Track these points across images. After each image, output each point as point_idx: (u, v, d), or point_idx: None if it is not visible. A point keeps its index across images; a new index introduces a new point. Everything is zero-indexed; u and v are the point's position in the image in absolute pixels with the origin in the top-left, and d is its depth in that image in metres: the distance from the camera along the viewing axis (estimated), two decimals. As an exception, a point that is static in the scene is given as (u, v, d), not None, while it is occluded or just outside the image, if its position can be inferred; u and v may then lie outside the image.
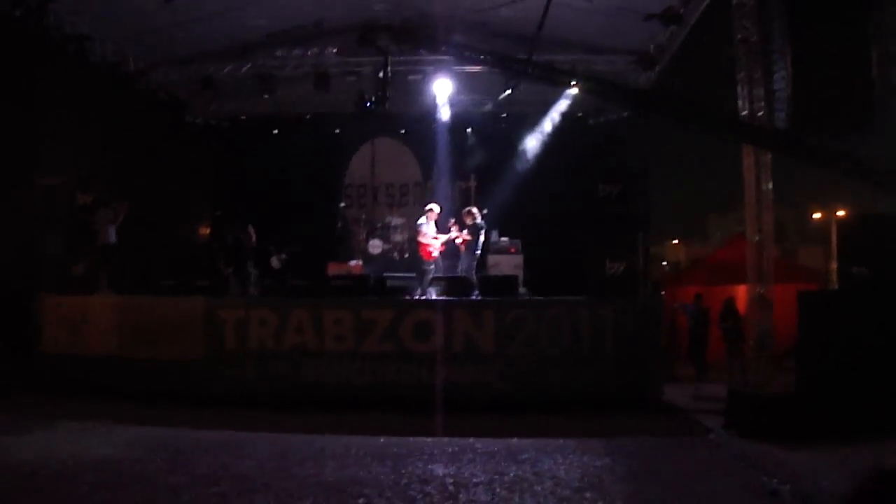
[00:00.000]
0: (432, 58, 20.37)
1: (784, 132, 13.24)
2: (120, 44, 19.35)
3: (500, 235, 20.50)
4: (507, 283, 16.42)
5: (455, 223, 18.72)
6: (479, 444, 10.65)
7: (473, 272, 17.91)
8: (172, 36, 18.56)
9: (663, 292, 22.65)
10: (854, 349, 11.39)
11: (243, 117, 24.96)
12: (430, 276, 17.99)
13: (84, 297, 15.57)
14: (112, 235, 17.47)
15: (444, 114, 22.69)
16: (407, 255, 22.50)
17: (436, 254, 18.53)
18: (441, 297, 15.79)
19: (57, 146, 17.78)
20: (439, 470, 9.19)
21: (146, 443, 10.52)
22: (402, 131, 25.08)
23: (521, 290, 17.63)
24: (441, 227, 18.76)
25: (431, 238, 18.36)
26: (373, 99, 19.71)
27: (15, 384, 14.32)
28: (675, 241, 74.37)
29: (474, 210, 18.57)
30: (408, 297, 16.54)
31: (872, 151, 14.69)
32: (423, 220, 18.54)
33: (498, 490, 8.38)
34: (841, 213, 37.41)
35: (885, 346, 11.26)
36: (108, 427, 11.48)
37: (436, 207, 18.86)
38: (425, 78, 21.09)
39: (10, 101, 16.16)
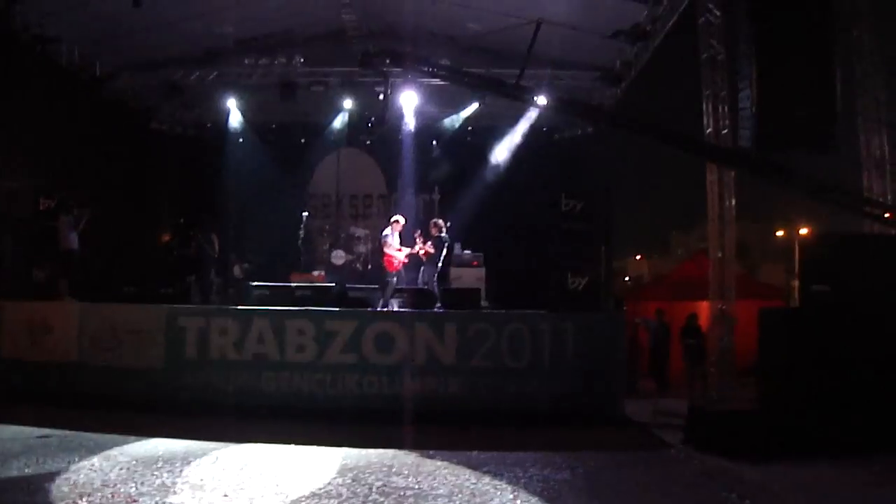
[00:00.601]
0: (399, 70, 20.38)
1: (746, 151, 13.34)
2: (87, 47, 19.26)
3: (464, 248, 20.54)
4: (470, 296, 16.46)
5: (420, 234, 18.69)
6: (439, 456, 10.64)
7: (435, 284, 17.90)
8: (140, 41, 18.51)
9: (625, 307, 22.74)
10: (814, 366, 11.49)
11: (209, 125, 24.85)
12: (393, 287, 17.97)
13: (45, 303, 15.42)
14: (74, 241, 17.33)
15: (410, 126, 22.73)
16: (370, 267, 22.49)
17: (399, 265, 18.50)
18: (403, 309, 15.79)
19: (20, 149, 17.62)
20: (400, 482, 9.17)
21: (104, 451, 10.42)
22: (368, 142, 25.05)
23: (484, 303, 17.66)
24: (405, 239, 18.73)
25: (395, 249, 18.33)
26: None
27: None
28: (639, 257, 74.81)
29: (440, 222, 18.57)
30: (370, 309, 16.51)
31: (834, 170, 14.87)
32: (388, 230, 18.52)
33: (458, 502, 8.37)
34: (804, 230, 37.79)
35: (844, 362, 11.36)
36: (67, 435, 11.36)
37: (401, 219, 18.85)
38: (391, 90, 21.09)
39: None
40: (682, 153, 17.35)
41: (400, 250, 18.48)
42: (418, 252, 18.40)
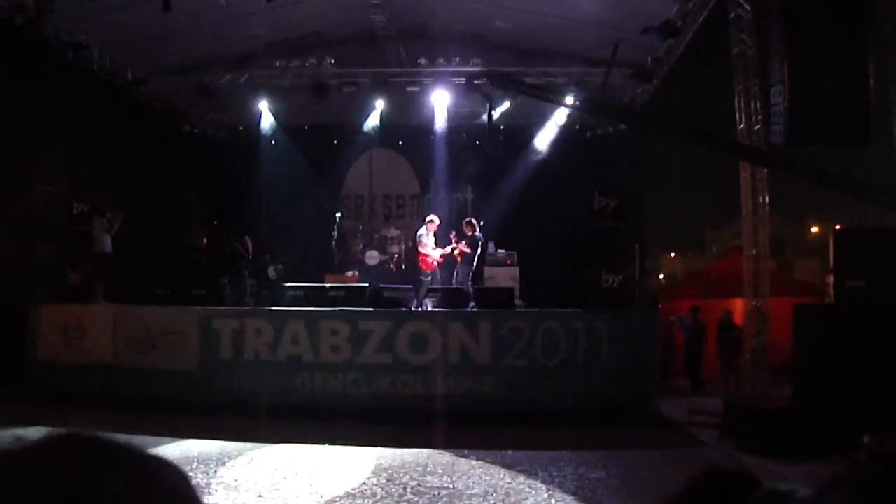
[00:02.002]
0: (430, 69, 20.42)
1: (777, 149, 13.26)
2: (118, 53, 19.37)
3: (497, 247, 20.51)
4: (504, 295, 16.41)
5: (455, 234, 18.67)
6: (474, 455, 10.63)
7: (469, 284, 17.89)
8: (170, 45, 18.59)
9: (659, 305, 22.65)
10: (850, 362, 11.38)
11: (241, 127, 24.97)
12: (427, 287, 17.96)
13: (80, 305, 15.54)
14: (108, 244, 17.47)
15: (441, 125, 22.74)
16: (404, 267, 22.47)
17: (435, 265, 18.50)
18: (437, 309, 15.79)
19: (54, 154, 17.79)
20: (434, 482, 9.17)
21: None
22: (400, 143, 25.10)
23: (518, 301, 17.62)
24: (440, 238, 18.73)
25: (431, 249, 18.32)
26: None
27: (10, 393, 14.28)
28: (672, 255, 74.43)
29: (474, 221, 18.56)
30: (404, 309, 16.51)
31: (870, 165, 14.75)
32: (423, 230, 18.52)
33: (492, 502, 8.36)
34: (839, 226, 37.51)
35: (880, 358, 11.25)
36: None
37: (436, 218, 18.85)
38: (423, 89, 21.14)
39: (7, 109, 16.19)
40: (714, 152, 17.28)
41: (435, 249, 18.47)
42: (453, 252, 18.39)
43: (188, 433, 11.75)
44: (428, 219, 18.85)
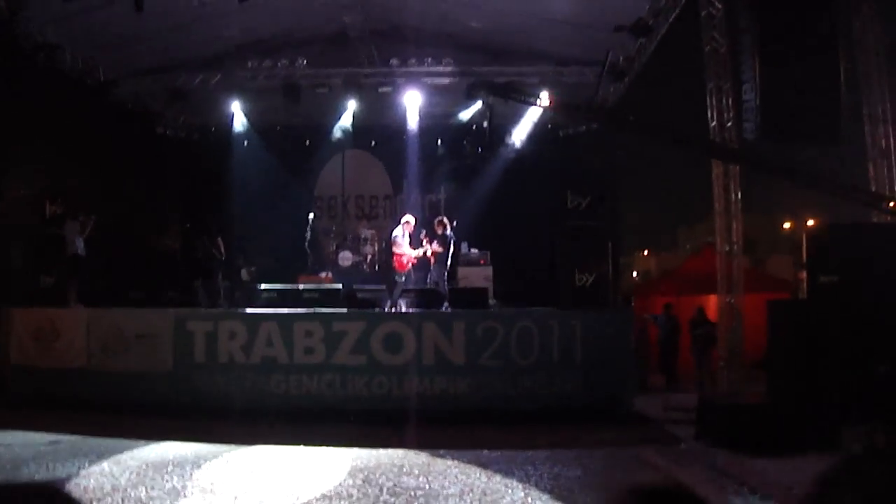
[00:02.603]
0: (402, 70, 20.41)
1: (748, 147, 13.33)
2: (90, 53, 19.24)
3: (470, 247, 20.53)
4: (477, 295, 16.44)
5: (427, 234, 18.63)
6: (450, 455, 10.62)
7: (444, 284, 17.88)
8: (143, 46, 18.53)
9: (633, 303, 22.72)
10: (824, 357, 11.44)
11: (213, 128, 24.87)
12: (401, 287, 17.94)
13: (53, 309, 15.42)
14: (80, 247, 17.40)
15: (414, 125, 22.75)
16: (377, 267, 22.43)
17: (409, 265, 18.45)
18: (411, 309, 15.78)
19: (26, 156, 17.65)
20: (410, 482, 9.16)
21: (114, 456, 10.42)
22: (373, 143, 25.10)
23: (492, 301, 17.65)
24: (414, 239, 18.69)
25: (406, 249, 18.28)
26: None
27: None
28: (646, 252, 74.65)
29: (445, 220, 18.52)
30: (378, 310, 16.49)
31: (840, 161, 14.85)
32: (398, 230, 18.45)
33: (469, 502, 8.36)
34: (811, 222, 37.73)
35: (854, 353, 11.31)
36: (76, 440, 11.37)
37: (411, 219, 18.79)
38: (395, 90, 21.12)
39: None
40: (687, 152, 17.35)
41: (411, 249, 18.42)
42: (426, 254, 18.35)
43: (163, 436, 11.69)
44: (404, 220, 18.78)
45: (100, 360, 14.30)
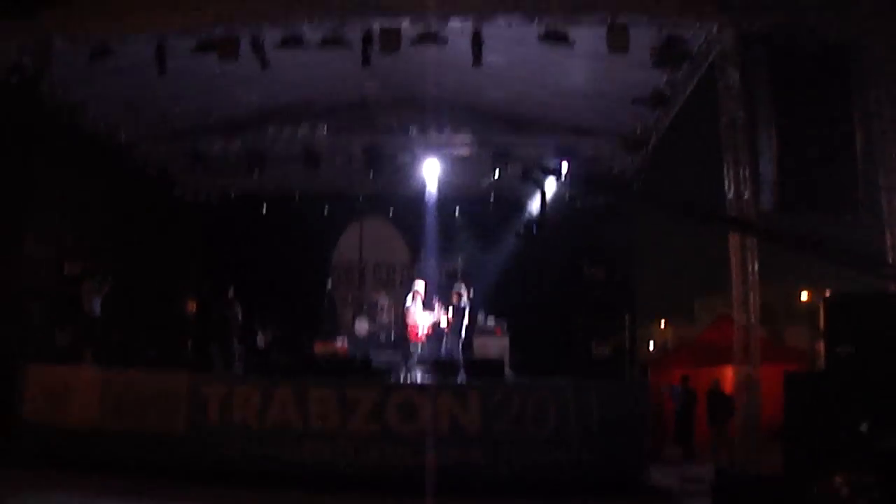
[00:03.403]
0: (422, 138, 20.50)
1: (766, 218, 13.32)
2: (112, 115, 19.40)
3: (487, 316, 20.49)
4: (493, 366, 16.37)
5: (441, 302, 18.59)
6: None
7: (459, 353, 17.83)
8: (164, 109, 18.69)
9: (650, 374, 22.59)
10: (842, 428, 11.32)
11: (232, 194, 25.01)
12: (416, 357, 17.89)
13: (68, 367, 15.43)
14: (97, 308, 17.46)
15: (432, 195, 22.82)
16: (393, 336, 22.42)
17: (423, 336, 18.41)
18: (427, 379, 15.74)
19: (45, 215, 17.77)
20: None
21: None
22: (390, 212, 25.18)
23: (507, 371, 17.57)
24: (427, 305, 18.65)
25: (418, 317, 18.24)
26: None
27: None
28: (662, 323, 74.38)
29: (463, 289, 18.51)
30: (393, 380, 16.44)
31: (860, 232, 14.79)
32: (409, 300, 18.47)
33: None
34: (829, 293, 37.56)
35: (872, 425, 11.19)
36: (92, 501, 11.32)
37: (420, 287, 18.78)
38: (414, 159, 21.21)
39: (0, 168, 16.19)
40: (704, 226, 17.34)
41: (423, 315, 18.36)
42: (439, 322, 18.30)
43: (177, 499, 11.65)
44: (414, 288, 18.80)
45: (113, 421, 14.26)
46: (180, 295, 24.15)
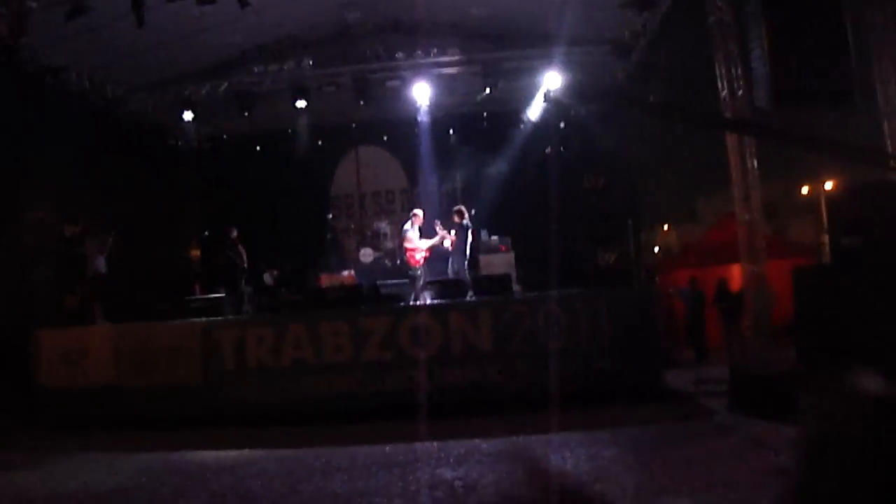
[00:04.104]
0: (409, 62, 20.37)
1: (760, 115, 13.23)
2: (96, 72, 19.30)
3: (490, 234, 20.49)
4: (501, 282, 16.38)
5: (440, 224, 18.55)
6: (484, 444, 10.63)
7: (466, 273, 17.84)
8: (147, 61, 18.51)
9: (658, 278, 22.65)
10: (851, 320, 11.35)
11: (224, 136, 24.92)
12: (422, 280, 17.90)
13: (80, 328, 15.47)
14: (102, 265, 17.45)
15: (425, 118, 22.73)
16: (399, 262, 22.43)
17: (422, 260, 18.38)
18: (436, 301, 15.77)
19: (41, 179, 17.70)
20: (447, 474, 9.16)
21: (153, 469, 10.46)
22: (385, 138, 25.10)
23: (515, 287, 17.60)
24: (426, 231, 18.64)
25: (416, 242, 18.21)
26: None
27: (17, 420, 14.26)
28: (666, 227, 74.34)
29: (462, 209, 18.45)
30: (402, 304, 16.48)
31: (855, 123, 14.72)
32: (407, 225, 18.41)
33: (507, 489, 8.36)
34: (829, 184, 37.51)
35: (882, 314, 11.22)
36: (115, 456, 11.42)
37: (419, 212, 18.74)
38: (404, 83, 21.07)
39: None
40: (699, 128, 17.26)
41: (422, 241, 18.34)
42: (441, 242, 18.27)
43: (198, 446, 11.75)
44: (412, 213, 18.76)
45: (129, 376, 14.30)
46: (184, 243, 24.20)
